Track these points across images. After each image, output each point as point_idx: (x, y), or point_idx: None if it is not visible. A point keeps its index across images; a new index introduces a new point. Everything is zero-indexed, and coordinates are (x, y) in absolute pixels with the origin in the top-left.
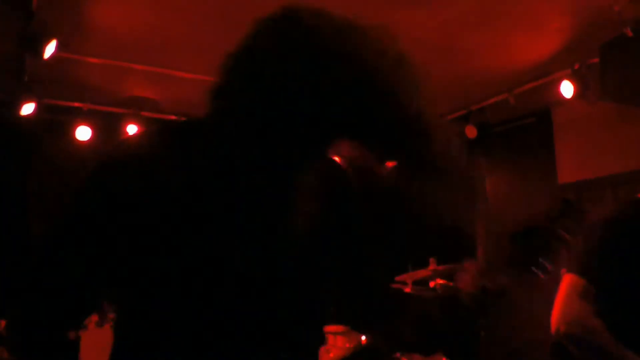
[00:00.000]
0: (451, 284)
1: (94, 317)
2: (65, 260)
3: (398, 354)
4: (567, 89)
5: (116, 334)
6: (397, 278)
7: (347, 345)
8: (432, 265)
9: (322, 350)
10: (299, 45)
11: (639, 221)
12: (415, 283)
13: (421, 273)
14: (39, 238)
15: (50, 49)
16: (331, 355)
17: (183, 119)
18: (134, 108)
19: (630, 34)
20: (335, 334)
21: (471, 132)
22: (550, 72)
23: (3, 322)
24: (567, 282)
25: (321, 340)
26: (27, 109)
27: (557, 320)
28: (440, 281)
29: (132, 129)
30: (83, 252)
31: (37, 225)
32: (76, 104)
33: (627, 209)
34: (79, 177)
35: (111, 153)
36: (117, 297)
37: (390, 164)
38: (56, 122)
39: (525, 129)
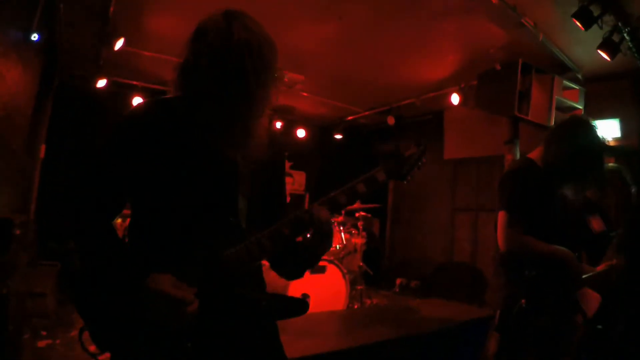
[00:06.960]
0: None
1: None
2: (106, 172)
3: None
4: (455, 99)
5: (131, 223)
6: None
7: None
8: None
9: None
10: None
11: (519, 171)
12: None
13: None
14: (90, 158)
15: (119, 44)
16: None
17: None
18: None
19: (498, 67)
20: None
21: (391, 120)
22: (444, 87)
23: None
24: (501, 216)
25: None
26: (101, 83)
27: (501, 244)
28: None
29: None
30: (115, 169)
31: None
32: (133, 82)
33: (523, 164)
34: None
35: (126, 115)
36: (134, 199)
37: None
38: (119, 93)
39: (426, 122)
